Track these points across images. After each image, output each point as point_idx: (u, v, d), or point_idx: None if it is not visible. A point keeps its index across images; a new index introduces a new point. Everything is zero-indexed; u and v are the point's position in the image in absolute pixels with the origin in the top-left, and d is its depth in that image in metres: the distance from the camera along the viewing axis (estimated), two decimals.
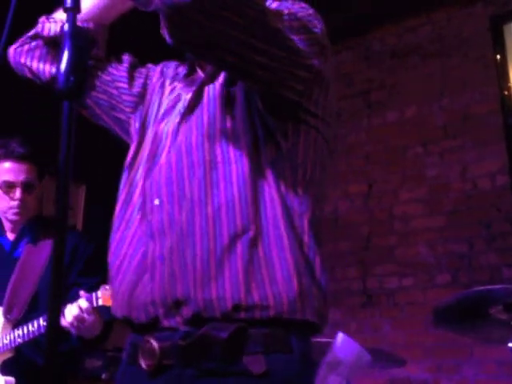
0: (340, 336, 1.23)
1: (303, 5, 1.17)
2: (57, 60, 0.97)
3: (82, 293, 2.03)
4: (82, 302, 2.00)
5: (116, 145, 1.44)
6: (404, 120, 3.88)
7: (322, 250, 1.15)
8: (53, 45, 1.34)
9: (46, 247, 2.25)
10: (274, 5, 1.12)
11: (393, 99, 3.95)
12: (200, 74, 1.29)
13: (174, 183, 1.14)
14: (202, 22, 0.99)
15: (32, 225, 2.30)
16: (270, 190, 1.11)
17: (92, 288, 2.05)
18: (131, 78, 1.37)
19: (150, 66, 1.42)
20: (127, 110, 1.36)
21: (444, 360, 3.35)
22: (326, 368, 1.17)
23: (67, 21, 1.00)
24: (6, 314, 2.18)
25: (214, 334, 1.05)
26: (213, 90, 1.19)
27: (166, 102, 1.29)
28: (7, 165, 2.24)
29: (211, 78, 1.22)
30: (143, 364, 1.10)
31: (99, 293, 1.99)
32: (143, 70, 1.40)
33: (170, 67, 1.39)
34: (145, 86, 1.37)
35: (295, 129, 1.15)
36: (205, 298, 1.05)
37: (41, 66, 1.36)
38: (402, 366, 2.65)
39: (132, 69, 1.39)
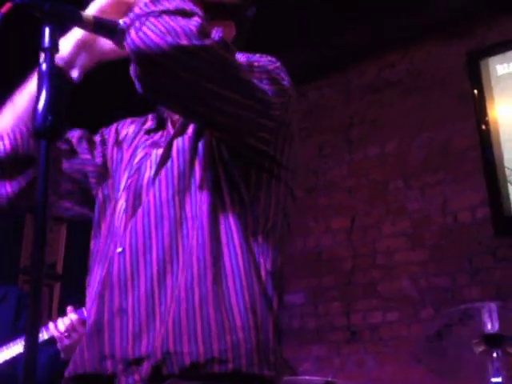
0: None
1: (271, 58, 1.20)
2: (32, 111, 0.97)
3: (69, 308, 2.23)
4: (72, 315, 2.23)
5: None
6: (385, 154, 3.91)
7: (282, 301, 1.15)
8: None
9: None
10: (244, 58, 1.14)
11: (373, 134, 3.99)
12: (170, 127, 1.29)
13: (139, 234, 1.13)
14: (173, 72, 0.99)
15: None
16: (232, 241, 1.11)
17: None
18: (91, 150, 1.35)
19: (103, 130, 1.40)
20: (93, 180, 1.33)
21: None
22: None
23: (45, 61, 1.01)
24: None
25: None
26: (182, 144, 1.20)
27: (135, 160, 1.28)
28: None
29: (180, 131, 1.23)
30: None
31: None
32: (97, 138, 1.38)
33: (127, 125, 1.38)
34: (104, 155, 1.35)
35: (258, 179, 1.17)
36: (177, 352, 1.03)
37: None
38: None
39: (87, 141, 1.36)
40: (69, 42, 1.24)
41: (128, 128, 1.38)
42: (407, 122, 3.87)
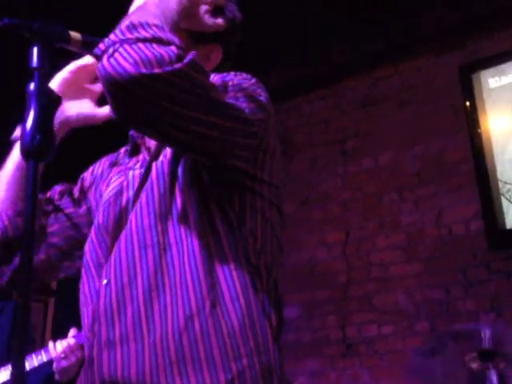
0: None
1: (246, 76, 1.19)
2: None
3: (72, 330, 2.32)
4: (71, 339, 2.29)
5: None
6: (379, 167, 3.92)
7: (281, 317, 1.16)
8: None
9: None
10: (218, 78, 1.14)
11: (367, 147, 4.00)
12: (144, 153, 1.28)
13: (123, 264, 1.12)
14: (144, 99, 0.98)
15: None
16: (223, 264, 1.10)
17: None
18: (73, 202, 1.36)
19: (82, 176, 1.41)
20: (85, 230, 1.32)
21: None
22: None
23: (33, 80, 1.01)
24: None
25: None
26: (161, 167, 1.18)
27: (110, 187, 1.27)
28: None
29: (158, 155, 1.22)
30: None
31: None
32: (77, 187, 1.39)
33: (102, 163, 1.39)
34: (87, 201, 1.36)
35: (241, 199, 1.16)
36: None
37: None
38: None
39: (68, 195, 1.37)
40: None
41: (103, 165, 1.38)
42: (401, 134, 3.88)
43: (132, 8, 1.22)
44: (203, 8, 1.23)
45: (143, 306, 1.08)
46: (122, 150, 1.37)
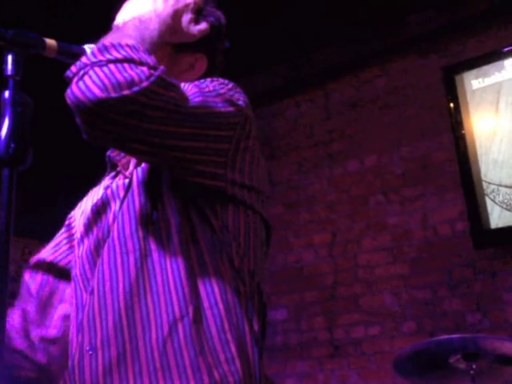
0: None
1: (222, 81, 1.18)
2: None
3: None
4: None
5: None
6: (364, 169, 3.94)
7: (265, 321, 1.16)
8: None
9: None
10: (191, 86, 1.13)
11: (353, 149, 4.02)
12: (123, 171, 1.28)
13: (105, 272, 1.12)
14: (114, 120, 0.98)
15: None
16: (202, 269, 1.11)
17: None
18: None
19: (71, 214, 1.41)
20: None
21: None
22: None
23: (8, 88, 1.01)
24: None
25: None
26: (141, 175, 1.18)
27: (93, 201, 1.28)
28: None
29: (139, 164, 1.22)
30: None
31: None
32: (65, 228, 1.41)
33: (86, 198, 1.39)
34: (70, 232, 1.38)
35: (223, 206, 1.15)
36: None
37: None
38: None
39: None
40: None
41: (87, 199, 1.37)
42: (386, 136, 3.90)
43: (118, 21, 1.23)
44: (186, 18, 1.22)
45: (124, 310, 1.08)
46: (107, 177, 1.37)
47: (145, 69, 0.99)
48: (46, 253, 1.37)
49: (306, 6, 3.56)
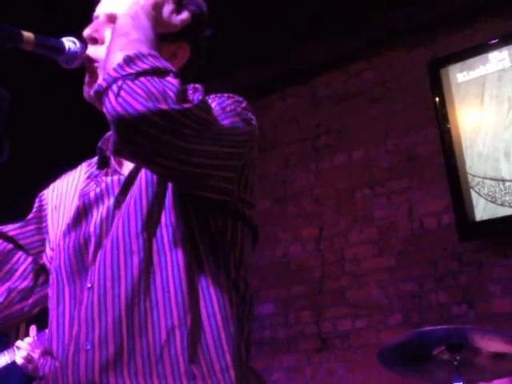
0: None
1: (237, 98, 1.20)
2: None
3: (31, 329, 2.27)
4: (31, 339, 2.26)
5: None
6: (351, 163, 3.95)
7: (246, 333, 1.17)
8: None
9: None
10: (215, 103, 1.15)
11: (340, 143, 4.03)
12: (114, 165, 1.27)
13: (107, 269, 1.12)
14: (153, 136, 0.99)
15: None
16: (202, 278, 1.12)
17: None
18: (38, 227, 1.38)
19: (42, 194, 1.41)
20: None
21: None
22: None
23: None
24: None
25: None
26: (151, 176, 1.18)
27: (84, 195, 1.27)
28: None
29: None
30: None
31: None
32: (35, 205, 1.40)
33: (63, 179, 1.38)
34: (40, 218, 1.38)
35: (224, 218, 1.17)
36: None
37: None
38: None
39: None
40: None
41: (63, 183, 1.36)
42: (373, 130, 3.91)
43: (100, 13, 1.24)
44: (167, 9, 1.21)
45: (124, 310, 1.08)
46: (84, 163, 1.37)
47: (173, 80, 1.01)
48: (11, 227, 1.37)
49: (293, 0, 3.55)
